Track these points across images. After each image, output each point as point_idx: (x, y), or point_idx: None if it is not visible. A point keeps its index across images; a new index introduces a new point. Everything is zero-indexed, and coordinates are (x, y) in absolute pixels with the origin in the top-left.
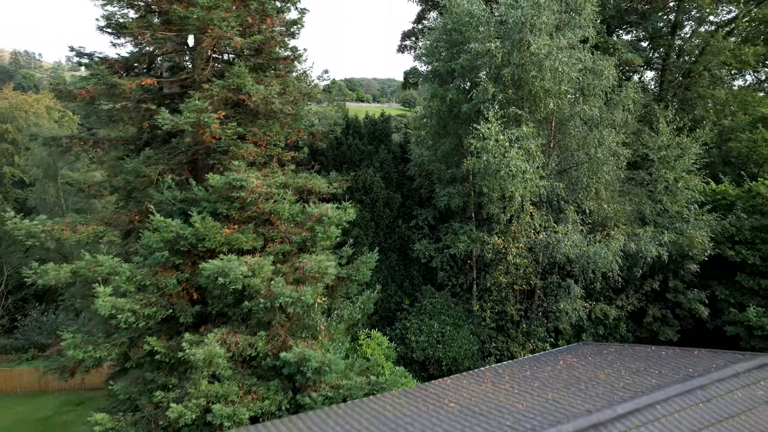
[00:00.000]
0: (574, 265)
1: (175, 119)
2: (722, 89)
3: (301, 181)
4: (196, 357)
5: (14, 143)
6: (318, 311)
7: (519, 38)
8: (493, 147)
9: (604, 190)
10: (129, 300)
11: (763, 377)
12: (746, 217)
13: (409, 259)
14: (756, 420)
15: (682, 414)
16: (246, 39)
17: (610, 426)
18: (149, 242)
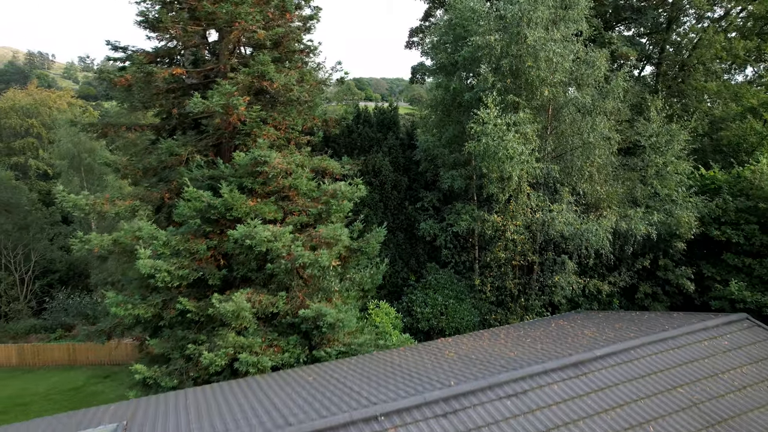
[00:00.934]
0: (568, 243)
1: (207, 102)
2: (716, 82)
3: (316, 162)
4: (226, 309)
5: (39, 137)
6: (332, 275)
7: (517, 32)
8: (491, 131)
9: (597, 174)
10: (165, 262)
11: (729, 331)
12: (732, 199)
13: (415, 238)
14: (717, 363)
15: (653, 357)
16: (268, 32)
17: (589, 365)
18: (184, 211)
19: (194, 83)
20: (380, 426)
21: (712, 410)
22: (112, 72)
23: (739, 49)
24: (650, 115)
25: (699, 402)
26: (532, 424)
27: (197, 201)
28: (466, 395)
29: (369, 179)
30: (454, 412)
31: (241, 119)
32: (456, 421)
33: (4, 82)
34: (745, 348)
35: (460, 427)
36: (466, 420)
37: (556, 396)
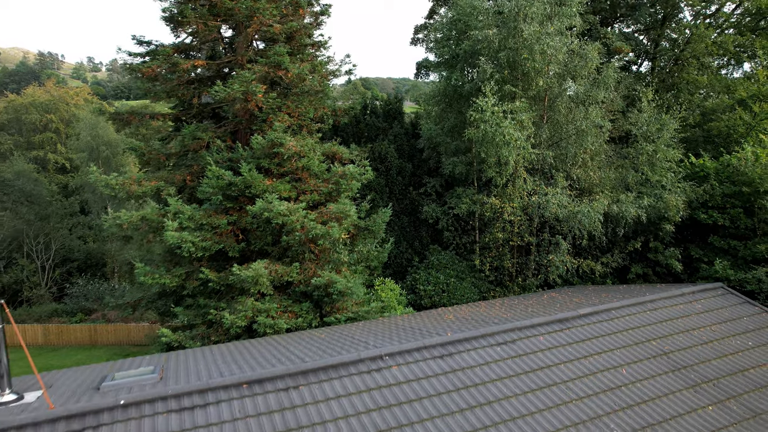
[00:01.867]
0: (563, 225)
1: (228, 89)
2: (708, 75)
3: (326, 148)
4: (246, 275)
5: (57, 132)
6: (342, 248)
7: (514, 26)
8: (489, 118)
9: (591, 161)
10: (190, 235)
11: (704, 297)
12: (718, 185)
13: (418, 222)
14: (689, 322)
15: (631, 317)
16: (283, 26)
17: (572, 321)
18: (207, 189)
19: (211, 76)
20: (385, 364)
21: (680, 359)
22: (138, 64)
23: (729, 44)
24: (642, 106)
25: (669, 352)
26: (519, 366)
27: (219, 179)
28: (461, 342)
29: (375, 165)
30: (449, 355)
31: (258, 106)
32: (451, 361)
33: (16, 82)
34: (716, 310)
35: (455, 366)
36: (460, 361)
37: (541, 345)
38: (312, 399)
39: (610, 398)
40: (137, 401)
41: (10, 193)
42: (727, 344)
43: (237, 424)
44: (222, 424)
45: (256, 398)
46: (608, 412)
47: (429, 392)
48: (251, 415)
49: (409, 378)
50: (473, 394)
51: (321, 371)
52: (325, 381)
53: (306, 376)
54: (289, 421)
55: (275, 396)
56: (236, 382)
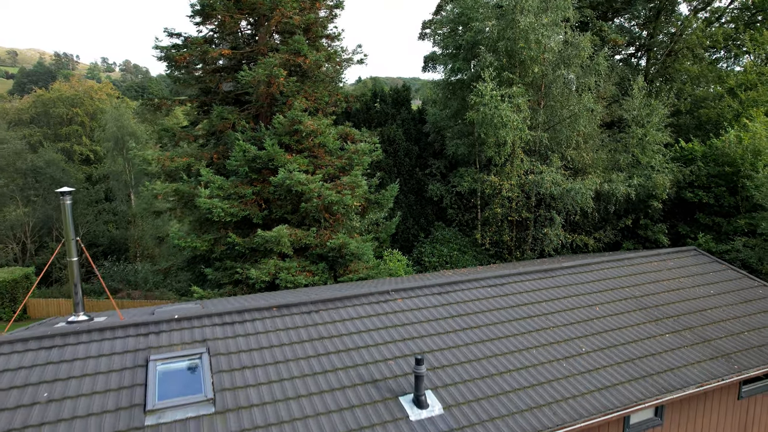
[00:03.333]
0: (558, 202)
1: (253, 72)
2: (700, 65)
3: (340, 129)
4: (270, 236)
5: (82, 125)
6: (354, 215)
7: (511, 18)
8: (488, 101)
9: (584, 143)
10: (220, 202)
11: (677, 257)
12: (704, 166)
13: (424, 200)
14: (659, 275)
15: (608, 270)
16: (302, 17)
17: (556, 271)
18: (234, 162)
19: (233, 65)
20: (391, 297)
21: (648, 301)
22: (172, 52)
23: (719, 36)
24: (633, 93)
25: (639, 296)
26: (505, 302)
27: (246, 153)
28: (457, 283)
29: (384, 147)
30: (446, 293)
31: (280, 89)
32: (447, 297)
33: (33, 81)
34: (686, 267)
35: (450, 300)
36: (455, 296)
37: (526, 288)
38: (330, 319)
39: (582, 327)
40: (187, 317)
41: (41, 180)
42: (691, 292)
43: (269, 335)
44: (257, 335)
45: (284, 318)
46: (580, 336)
47: (427, 317)
48: (280, 329)
49: (411, 307)
50: (465, 320)
51: (338, 300)
52: (341, 308)
53: (325, 304)
54: (312, 333)
55: (300, 317)
56: (267, 306)
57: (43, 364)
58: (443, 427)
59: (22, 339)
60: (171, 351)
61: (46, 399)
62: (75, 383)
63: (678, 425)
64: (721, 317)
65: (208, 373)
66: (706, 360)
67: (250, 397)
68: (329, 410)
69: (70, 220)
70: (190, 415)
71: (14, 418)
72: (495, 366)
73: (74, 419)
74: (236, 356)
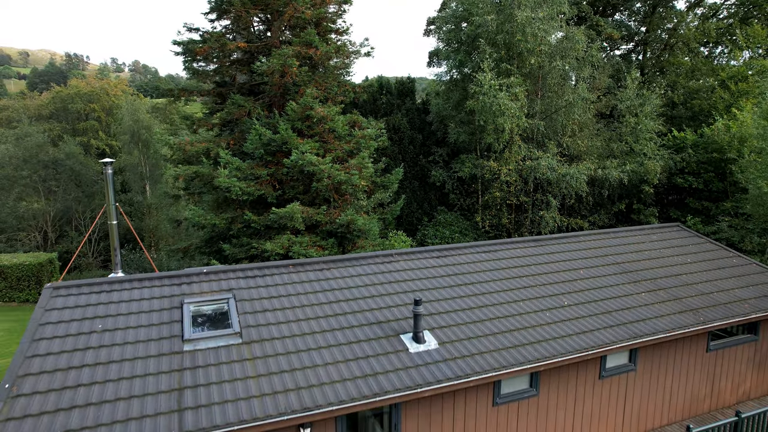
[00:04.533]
0: (554, 187)
1: (268, 63)
2: (693, 58)
3: (348, 117)
4: (283, 212)
5: (99, 120)
6: (361, 194)
7: (509, 12)
8: (487, 90)
9: (579, 131)
10: (238, 181)
11: (661, 231)
12: (694, 153)
13: (427, 186)
14: (642, 246)
15: (595, 241)
16: (313, 11)
17: (545, 241)
18: (250, 145)
19: (247, 58)
20: (394, 259)
21: (629, 266)
22: (193, 45)
23: (711, 30)
24: (627, 83)
25: (622, 262)
26: (497, 264)
27: (261, 136)
28: (453, 249)
29: (390, 135)
30: (444, 256)
31: (293, 78)
32: (445, 260)
33: (45, 82)
34: (669, 240)
35: (447, 263)
36: (452, 259)
37: (518, 254)
38: (340, 275)
39: (566, 286)
40: (215, 271)
41: (62, 172)
42: (670, 260)
43: (286, 286)
44: (276, 286)
45: (299, 273)
46: (563, 293)
47: (426, 275)
48: (296, 282)
49: (411, 267)
50: (459, 278)
51: (346, 260)
52: (350, 266)
53: (335, 263)
54: (324, 286)
55: (313, 273)
56: (284, 264)
57: (95, 304)
58: (437, 358)
59: (77, 285)
60: (202, 296)
61: (101, 329)
62: (123, 318)
63: (650, 372)
64: (695, 281)
65: (234, 313)
66: (676, 313)
67: (271, 332)
68: (340, 343)
69: (111, 187)
70: (221, 345)
71: (77, 343)
72: (485, 314)
73: (126, 344)
74: (258, 302)
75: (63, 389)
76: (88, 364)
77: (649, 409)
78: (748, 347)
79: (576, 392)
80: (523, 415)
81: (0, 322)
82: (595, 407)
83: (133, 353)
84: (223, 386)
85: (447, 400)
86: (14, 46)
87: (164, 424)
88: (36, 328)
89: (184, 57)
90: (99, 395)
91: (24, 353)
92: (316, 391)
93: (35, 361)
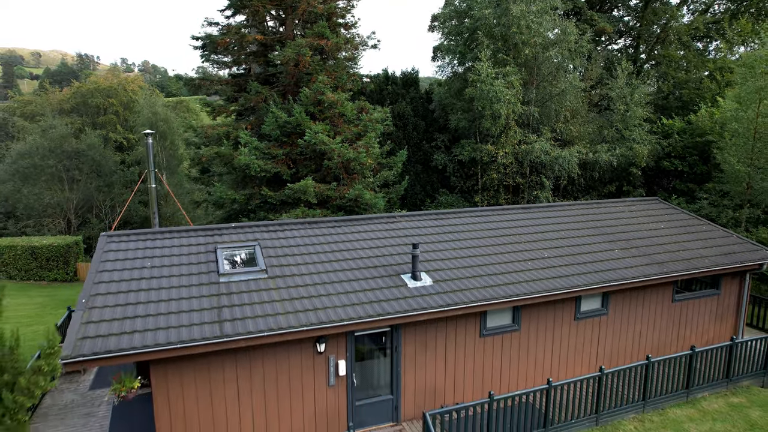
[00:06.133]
0: (547, 169)
1: (284, 52)
2: (687, 52)
3: (357, 103)
4: (298, 186)
5: (117, 114)
6: (368, 172)
7: (505, 6)
8: (485, 78)
9: (571, 117)
10: (256, 159)
11: (641, 203)
12: (680, 138)
13: (430, 169)
14: (622, 214)
15: (578, 210)
16: (325, 6)
17: (533, 208)
18: (267, 127)
19: (262, 50)
20: (396, 219)
21: (607, 230)
22: (216, 36)
23: (700, 24)
24: (618, 73)
25: (600, 226)
26: (487, 225)
27: (278, 119)
28: (450, 213)
29: (395, 122)
30: (441, 218)
31: (306, 67)
32: (442, 221)
33: (57, 81)
34: (647, 210)
35: (444, 223)
36: (447, 221)
37: (507, 218)
38: (349, 231)
39: (548, 243)
40: (241, 226)
41: (84, 162)
42: (645, 226)
43: (303, 238)
44: (294, 238)
45: (314, 229)
46: (545, 248)
47: (425, 233)
48: (311, 235)
49: (412, 226)
50: (454, 235)
51: (355, 221)
52: (358, 224)
53: (345, 222)
54: (335, 238)
55: (326, 229)
56: (301, 222)
57: (143, 248)
58: (432, 291)
59: (126, 234)
60: (232, 244)
61: (150, 266)
62: (167, 259)
63: (621, 317)
64: (664, 242)
65: (260, 256)
66: (643, 265)
67: (291, 271)
68: (350, 279)
69: (151, 155)
70: (251, 278)
71: (132, 274)
72: (474, 261)
73: (171, 276)
74: (280, 249)
75: (126, 305)
76: (143, 289)
77: (620, 350)
78: (710, 300)
79: (554, 331)
80: (506, 347)
81: (33, 297)
82: (571, 345)
83: (179, 283)
84: (254, 306)
85: (440, 329)
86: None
87: (209, 330)
88: (98, 263)
89: (202, 51)
90: (155, 309)
91: (92, 280)
92: (330, 311)
93: (101, 285)
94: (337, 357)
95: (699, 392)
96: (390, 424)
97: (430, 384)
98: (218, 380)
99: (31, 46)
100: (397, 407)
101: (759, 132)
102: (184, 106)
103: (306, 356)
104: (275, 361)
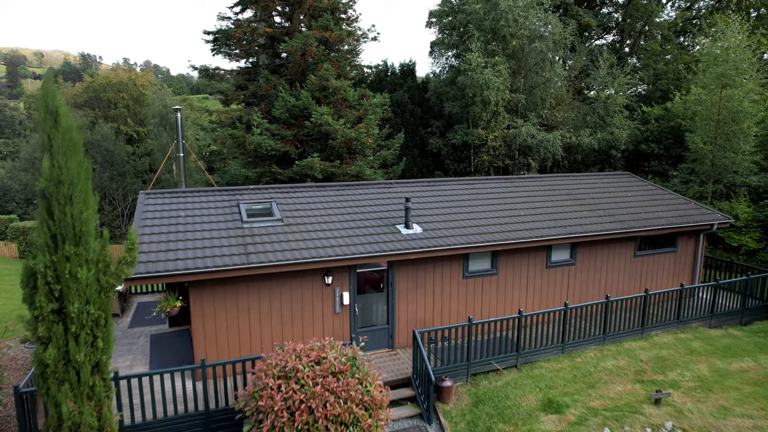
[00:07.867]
0: (533, 151)
1: (292, 43)
2: (669, 45)
3: (359, 91)
4: (304, 163)
5: (127, 108)
6: (369, 151)
7: (494, 1)
8: (474, 67)
9: (556, 104)
10: (268, 139)
11: (614, 176)
12: (657, 124)
13: (425, 153)
14: (595, 184)
15: (555, 180)
16: (329, 1)
17: (517, 179)
18: (276, 110)
19: (270, 42)
20: (393, 185)
21: (579, 196)
22: (229, 29)
23: (678, 19)
24: (600, 64)
25: (572, 193)
26: (473, 191)
27: (287, 102)
28: (440, 181)
29: (393, 110)
30: (432, 186)
31: (312, 57)
32: (433, 187)
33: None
34: (618, 182)
35: (435, 190)
36: (438, 188)
37: (491, 186)
38: (352, 193)
39: (525, 205)
40: (259, 188)
41: (98, 153)
42: (613, 193)
43: (313, 198)
44: (304, 197)
45: (321, 191)
46: (522, 208)
47: (417, 196)
48: (320, 196)
49: (406, 191)
50: (443, 198)
51: (356, 185)
52: (360, 188)
53: (348, 186)
54: (340, 198)
55: (332, 191)
56: (310, 186)
57: (177, 203)
58: (422, 236)
59: (161, 192)
60: (252, 201)
61: (184, 215)
62: (198, 211)
63: (588, 268)
64: (629, 206)
65: (276, 209)
66: (607, 223)
67: (303, 221)
68: (353, 227)
69: (179, 127)
70: (269, 225)
71: (170, 221)
72: (460, 217)
73: (203, 223)
74: (293, 205)
75: (168, 242)
76: (180, 231)
77: (587, 297)
78: (668, 257)
79: (527, 277)
80: (486, 288)
81: None
82: (543, 290)
83: (210, 227)
84: (273, 244)
85: (428, 270)
86: (29, 47)
87: (238, 260)
88: (140, 213)
89: (213, 44)
90: (192, 245)
91: (138, 224)
92: (336, 249)
93: (145, 228)
94: (342, 289)
95: (653, 330)
96: (386, 350)
97: (420, 317)
98: (244, 303)
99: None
100: (392, 335)
101: (721, 114)
102: (188, 104)
103: (316, 287)
104: (290, 290)
